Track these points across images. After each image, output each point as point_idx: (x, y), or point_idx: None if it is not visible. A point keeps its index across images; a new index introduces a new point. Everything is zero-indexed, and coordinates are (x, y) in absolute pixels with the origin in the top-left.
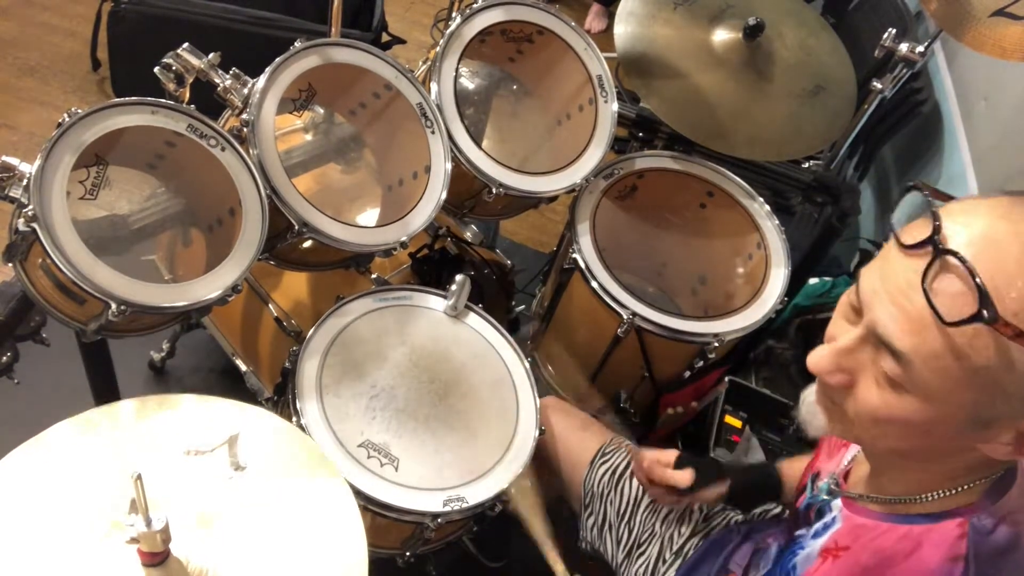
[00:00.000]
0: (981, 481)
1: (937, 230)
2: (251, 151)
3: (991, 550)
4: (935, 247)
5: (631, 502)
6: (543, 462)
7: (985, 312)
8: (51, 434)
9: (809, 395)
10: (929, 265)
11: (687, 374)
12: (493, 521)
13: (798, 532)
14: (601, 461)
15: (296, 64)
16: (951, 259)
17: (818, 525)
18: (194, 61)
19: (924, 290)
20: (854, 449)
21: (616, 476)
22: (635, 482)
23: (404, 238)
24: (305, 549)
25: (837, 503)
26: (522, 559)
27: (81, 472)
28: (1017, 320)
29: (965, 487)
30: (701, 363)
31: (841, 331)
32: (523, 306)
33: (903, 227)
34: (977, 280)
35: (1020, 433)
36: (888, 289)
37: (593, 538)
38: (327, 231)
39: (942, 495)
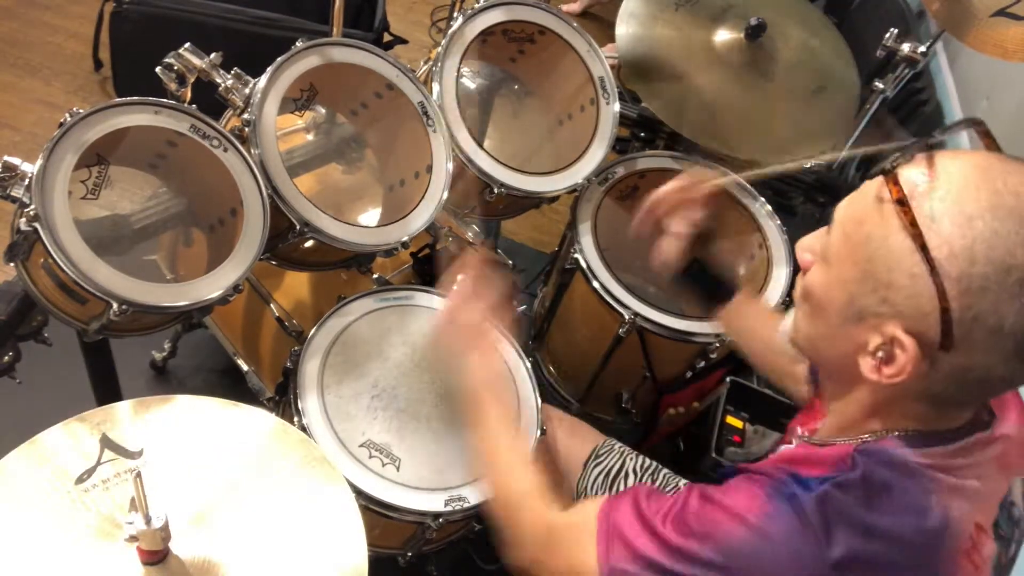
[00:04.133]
0: (900, 433)
1: (942, 145)
2: (253, 151)
3: (883, 468)
4: (929, 145)
5: None
6: (545, 465)
7: (888, 164)
8: (51, 434)
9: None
10: (912, 158)
11: (688, 374)
12: (492, 522)
13: None
14: (595, 463)
15: (298, 64)
16: (931, 160)
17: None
18: (196, 61)
19: (892, 166)
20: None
21: (610, 478)
22: (630, 482)
23: (405, 238)
24: (305, 549)
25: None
26: None
27: (81, 472)
28: (909, 192)
29: (886, 435)
30: (703, 363)
31: None
32: (524, 306)
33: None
34: (906, 146)
35: (884, 341)
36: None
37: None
38: (328, 231)
39: (872, 439)
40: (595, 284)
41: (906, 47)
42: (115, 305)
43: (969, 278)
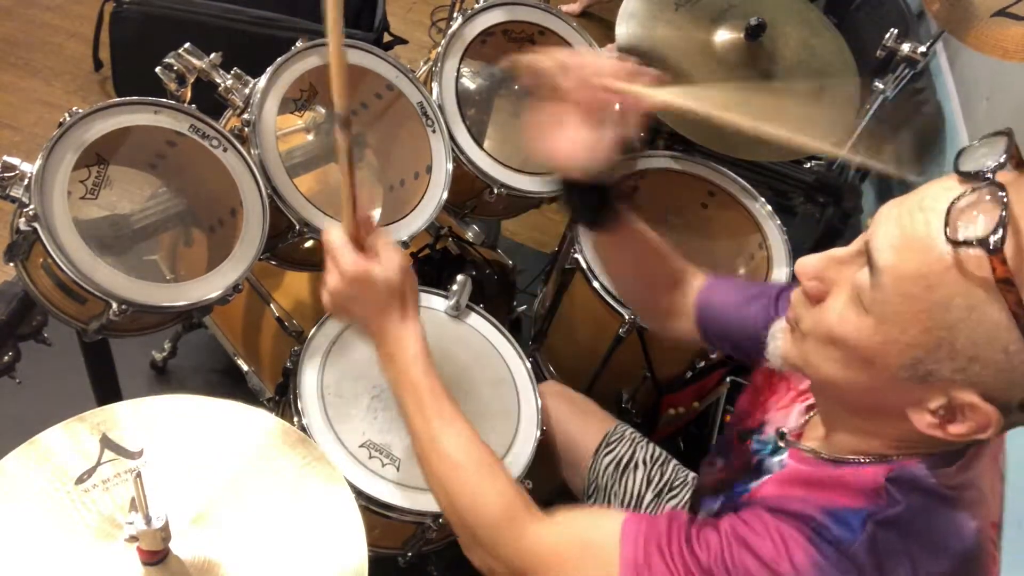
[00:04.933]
0: (922, 455)
1: (1000, 167)
2: (252, 151)
3: (916, 494)
4: (986, 179)
5: (635, 496)
6: (545, 457)
7: (992, 239)
8: (51, 434)
9: (779, 323)
10: (971, 192)
11: (689, 374)
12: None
13: (736, 484)
14: (606, 451)
15: (297, 64)
16: (996, 192)
17: (762, 473)
18: (195, 61)
19: (949, 207)
20: (803, 405)
21: (621, 468)
22: (639, 474)
23: (405, 238)
24: (305, 549)
25: (782, 457)
26: None
27: (81, 472)
28: (1015, 269)
29: (904, 457)
30: (703, 364)
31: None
32: (524, 306)
33: (967, 158)
34: (1003, 213)
35: (950, 403)
36: (902, 210)
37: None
38: None
39: (886, 455)
40: (595, 284)
41: (906, 47)
42: (115, 305)
43: None
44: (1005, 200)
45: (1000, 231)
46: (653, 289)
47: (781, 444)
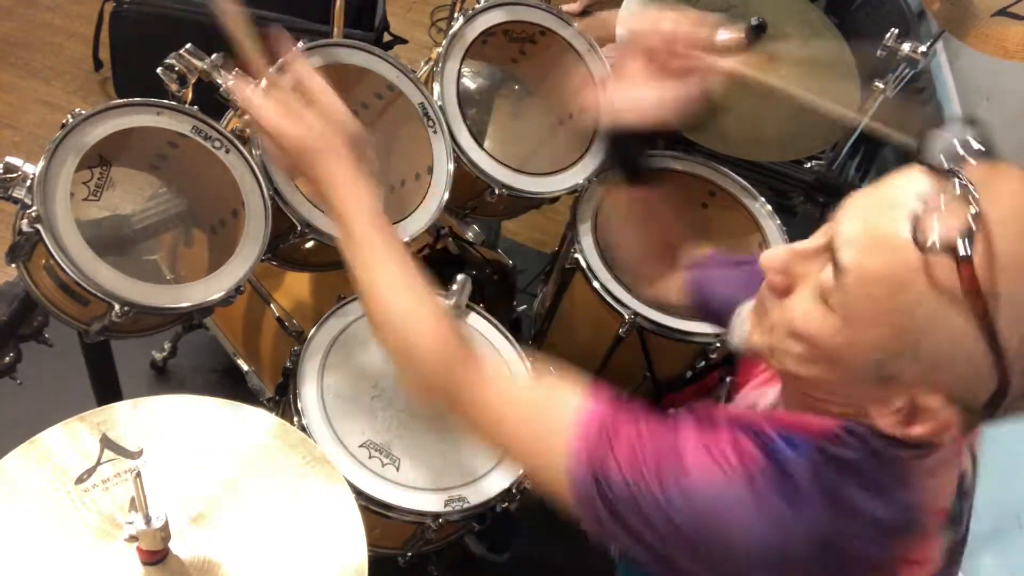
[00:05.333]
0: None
1: (963, 162)
2: (254, 152)
3: (863, 450)
4: (956, 176)
5: None
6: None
7: (962, 247)
8: (51, 434)
9: (747, 306)
10: (940, 191)
11: (689, 374)
12: (495, 518)
13: None
14: None
15: None
16: (966, 194)
17: None
18: (197, 62)
19: (916, 207)
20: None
21: None
22: None
23: (406, 238)
24: (305, 549)
25: None
26: (523, 557)
27: (81, 472)
28: (983, 277)
29: None
30: (703, 363)
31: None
32: (525, 306)
33: (932, 147)
34: (972, 218)
35: (912, 405)
36: (867, 204)
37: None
38: (330, 232)
39: None
40: (595, 284)
41: (906, 47)
42: (116, 306)
43: None
44: (976, 203)
45: (968, 238)
46: (660, 255)
47: None
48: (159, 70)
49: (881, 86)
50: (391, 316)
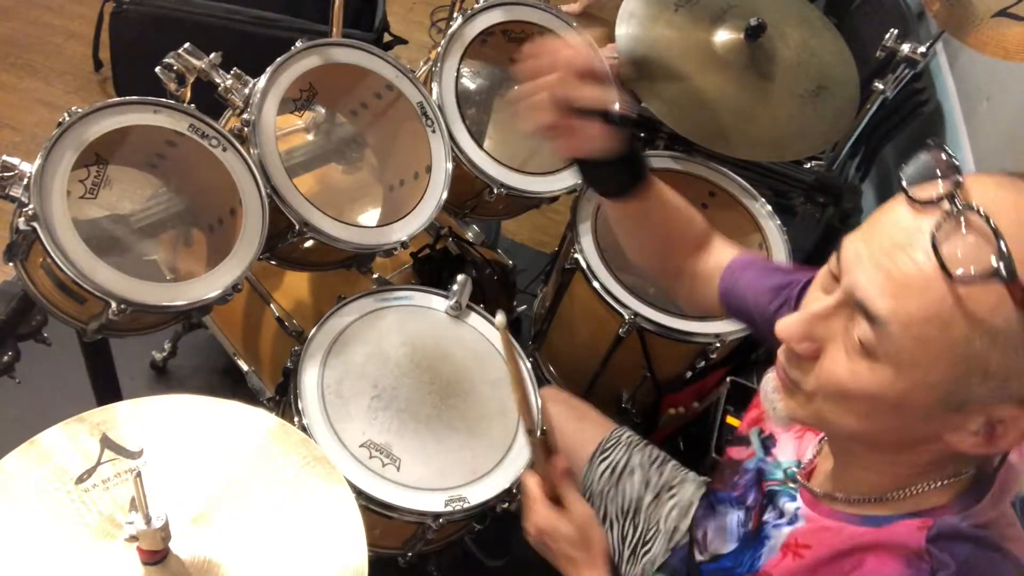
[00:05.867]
0: (951, 481)
1: (958, 185)
2: (252, 151)
3: (962, 546)
4: (953, 202)
5: (633, 500)
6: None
7: (1003, 268)
8: (51, 434)
9: (768, 383)
10: (944, 220)
11: (689, 374)
12: (494, 520)
13: (765, 517)
14: (601, 458)
15: (297, 64)
16: (972, 215)
17: (781, 520)
18: (195, 61)
19: (933, 244)
20: (817, 438)
21: (616, 474)
22: (636, 477)
23: (405, 238)
24: (305, 549)
25: (797, 505)
26: (522, 558)
27: (81, 472)
28: None
29: (935, 485)
30: (703, 363)
31: (816, 301)
32: (524, 306)
33: (913, 185)
34: (1001, 242)
35: (991, 420)
36: (872, 251)
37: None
38: (328, 231)
39: (910, 493)
40: (595, 284)
41: (906, 47)
42: (114, 305)
43: None
44: (992, 224)
45: (1004, 259)
46: (679, 252)
47: (791, 485)
48: (157, 69)
49: (881, 86)
50: None
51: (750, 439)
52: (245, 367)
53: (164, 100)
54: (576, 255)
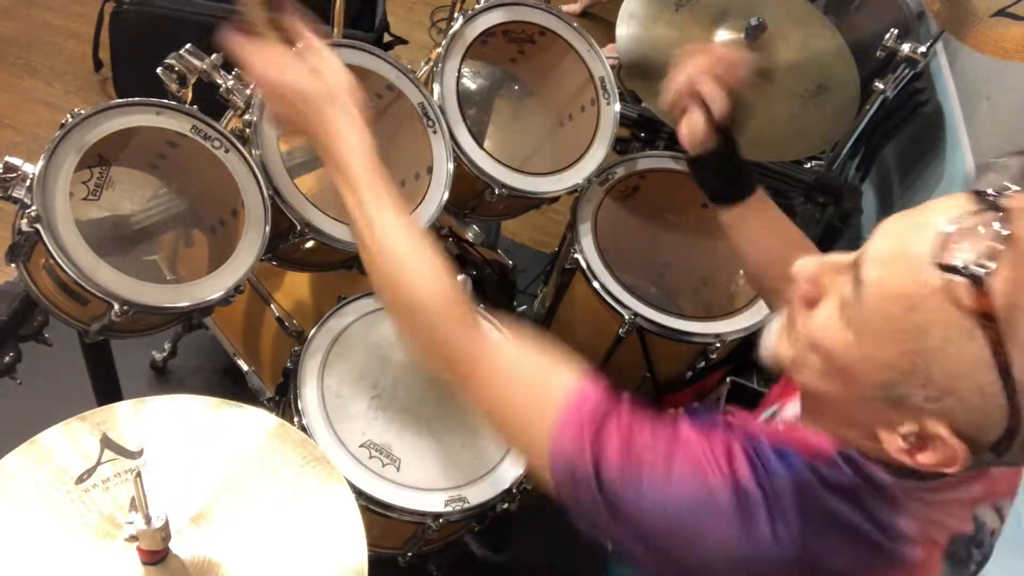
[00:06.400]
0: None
1: (1005, 190)
2: (254, 152)
3: (863, 477)
4: (995, 204)
5: None
6: None
7: (980, 270)
8: (51, 434)
9: (782, 317)
10: (976, 211)
11: (689, 374)
12: (495, 516)
13: None
14: None
15: None
16: (997, 215)
17: None
18: (197, 62)
19: (946, 228)
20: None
21: None
22: None
23: None
24: (305, 549)
25: None
26: (522, 556)
27: (81, 472)
28: (1001, 306)
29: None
30: (703, 363)
31: (840, 254)
32: (524, 306)
33: (987, 173)
34: (1003, 234)
35: (922, 432)
36: (900, 225)
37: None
38: (329, 232)
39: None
40: (595, 284)
41: (906, 47)
42: (116, 306)
43: None
44: (1008, 225)
45: (992, 260)
46: (771, 273)
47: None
48: (159, 70)
49: (881, 86)
50: (393, 261)
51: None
52: (245, 367)
53: (166, 101)
54: (576, 255)
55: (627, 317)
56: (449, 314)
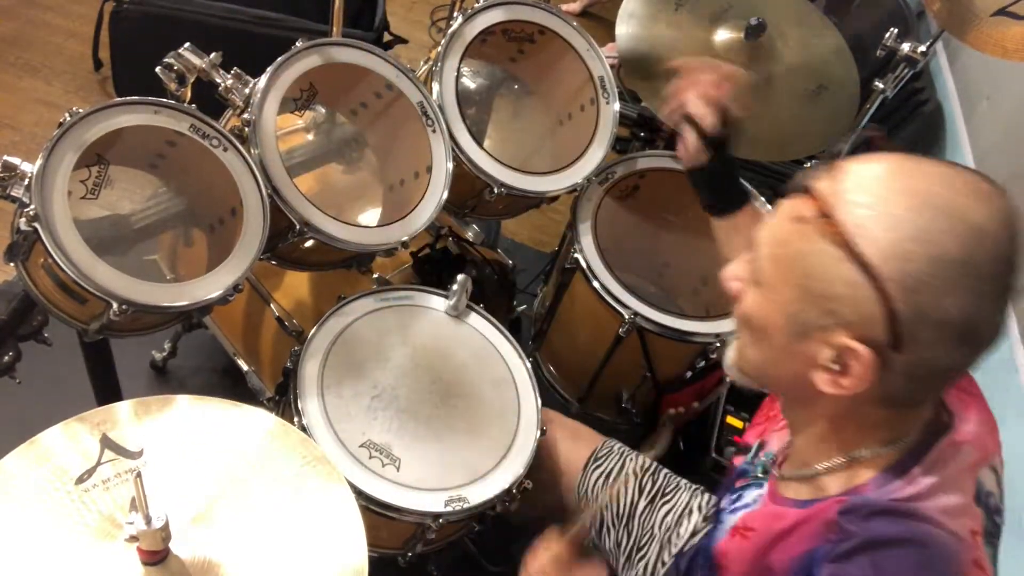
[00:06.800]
0: (882, 452)
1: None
2: (252, 151)
3: (875, 519)
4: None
5: (628, 505)
6: (538, 480)
7: (814, 183)
8: (51, 434)
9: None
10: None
11: (689, 374)
12: (495, 525)
13: (722, 504)
14: (594, 466)
15: (297, 64)
16: (834, 165)
17: (738, 503)
18: (195, 61)
19: (801, 183)
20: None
21: (610, 480)
22: (631, 484)
23: (405, 238)
24: (305, 549)
25: (762, 491)
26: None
27: (81, 472)
28: (829, 197)
29: (866, 455)
30: (703, 363)
31: None
32: (524, 306)
33: None
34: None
35: (834, 350)
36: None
37: (592, 537)
38: (328, 231)
39: (842, 462)
40: (595, 284)
41: (906, 47)
42: (115, 305)
43: (907, 276)
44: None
45: (823, 179)
46: None
47: (762, 476)
48: (157, 69)
49: (881, 86)
50: None
51: (752, 447)
52: (245, 367)
53: (165, 100)
54: (576, 255)
55: (627, 317)
56: None
